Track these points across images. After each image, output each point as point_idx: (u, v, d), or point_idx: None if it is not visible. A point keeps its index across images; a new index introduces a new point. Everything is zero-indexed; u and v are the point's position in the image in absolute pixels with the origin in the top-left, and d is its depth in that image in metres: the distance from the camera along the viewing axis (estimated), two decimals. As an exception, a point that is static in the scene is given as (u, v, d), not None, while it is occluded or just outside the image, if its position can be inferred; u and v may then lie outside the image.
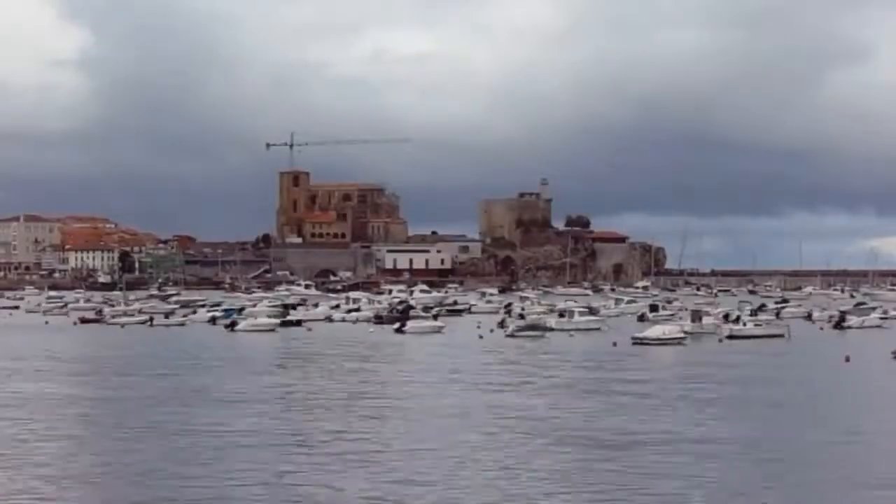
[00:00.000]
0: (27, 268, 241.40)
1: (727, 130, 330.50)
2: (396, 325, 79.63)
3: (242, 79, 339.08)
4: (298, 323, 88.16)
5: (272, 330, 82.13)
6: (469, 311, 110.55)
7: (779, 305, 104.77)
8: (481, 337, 74.03)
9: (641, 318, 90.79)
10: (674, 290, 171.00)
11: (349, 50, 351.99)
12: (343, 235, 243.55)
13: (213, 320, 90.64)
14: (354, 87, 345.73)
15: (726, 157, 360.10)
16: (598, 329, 79.82)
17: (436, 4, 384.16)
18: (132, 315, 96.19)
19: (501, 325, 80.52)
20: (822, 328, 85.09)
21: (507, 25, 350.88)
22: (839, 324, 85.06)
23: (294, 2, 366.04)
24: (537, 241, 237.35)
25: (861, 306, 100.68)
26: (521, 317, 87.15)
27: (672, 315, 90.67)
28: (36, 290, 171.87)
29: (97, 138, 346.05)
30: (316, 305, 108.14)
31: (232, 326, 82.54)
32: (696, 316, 78.23)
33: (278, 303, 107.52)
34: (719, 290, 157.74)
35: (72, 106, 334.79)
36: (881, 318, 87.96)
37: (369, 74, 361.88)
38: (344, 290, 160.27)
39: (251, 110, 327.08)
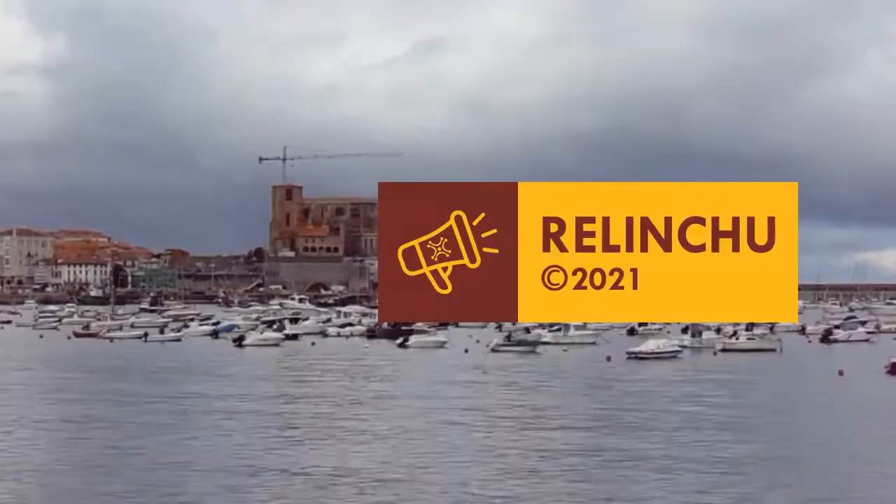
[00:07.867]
0: (20, 281, 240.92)
1: (707, 140, 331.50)
2: (399, 340, 77.58)
3: (220, 89, 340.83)
4: (295, 337, 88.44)
5: (277, 344, 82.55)
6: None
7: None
8: (466, 351, 71.79)
9: (631, 332, 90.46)
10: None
11: (326, 60, 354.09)
12: (336, 249, 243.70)
13: (215, 334, 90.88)
14: (331, 98, 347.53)
15: (708, 167, 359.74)
16: (592, 343, 79.00)
17: (412, 14, 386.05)
18: (122, 329, 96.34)
19: (508, 337, 76.43)
20: (809, 341, 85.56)
21: (484, 34, 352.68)
22: (826, 337, 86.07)
23: (270, 12, 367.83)
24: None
25: (849, 320, 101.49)
26: (527, 330, 78.54)
27: (660, 329, 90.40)
28: (35, 304, 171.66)
29: (80, 149, 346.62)
30: (306, 319, 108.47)
31: (240, 341, 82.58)
32: (696, 331, 78.36)
33: (260, 318, 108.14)
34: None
35: (44, 116, 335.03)
36: (868, 333, 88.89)
37: (344, 84, 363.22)
38: (336, 304, 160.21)
39: (229, 120, 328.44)
